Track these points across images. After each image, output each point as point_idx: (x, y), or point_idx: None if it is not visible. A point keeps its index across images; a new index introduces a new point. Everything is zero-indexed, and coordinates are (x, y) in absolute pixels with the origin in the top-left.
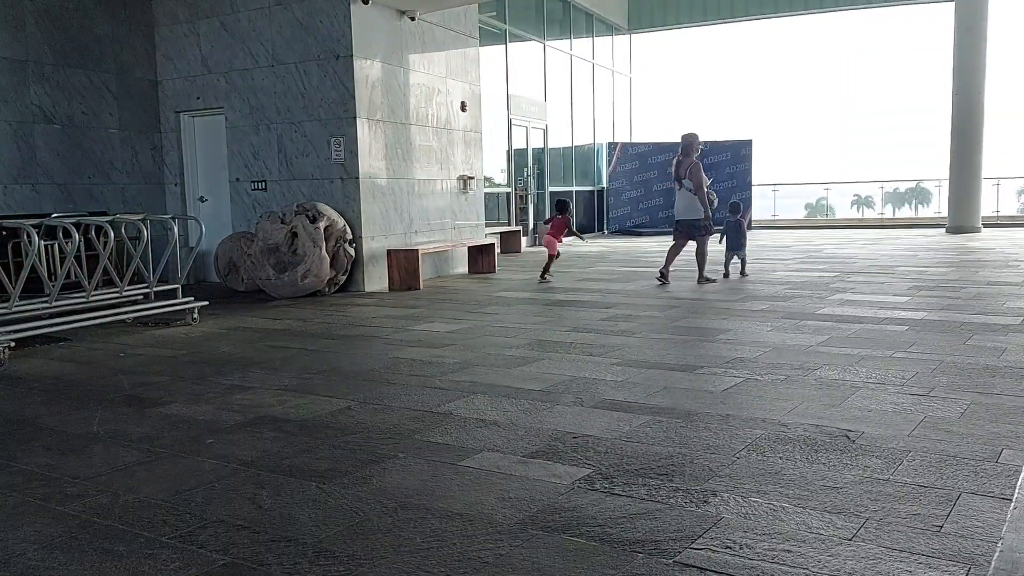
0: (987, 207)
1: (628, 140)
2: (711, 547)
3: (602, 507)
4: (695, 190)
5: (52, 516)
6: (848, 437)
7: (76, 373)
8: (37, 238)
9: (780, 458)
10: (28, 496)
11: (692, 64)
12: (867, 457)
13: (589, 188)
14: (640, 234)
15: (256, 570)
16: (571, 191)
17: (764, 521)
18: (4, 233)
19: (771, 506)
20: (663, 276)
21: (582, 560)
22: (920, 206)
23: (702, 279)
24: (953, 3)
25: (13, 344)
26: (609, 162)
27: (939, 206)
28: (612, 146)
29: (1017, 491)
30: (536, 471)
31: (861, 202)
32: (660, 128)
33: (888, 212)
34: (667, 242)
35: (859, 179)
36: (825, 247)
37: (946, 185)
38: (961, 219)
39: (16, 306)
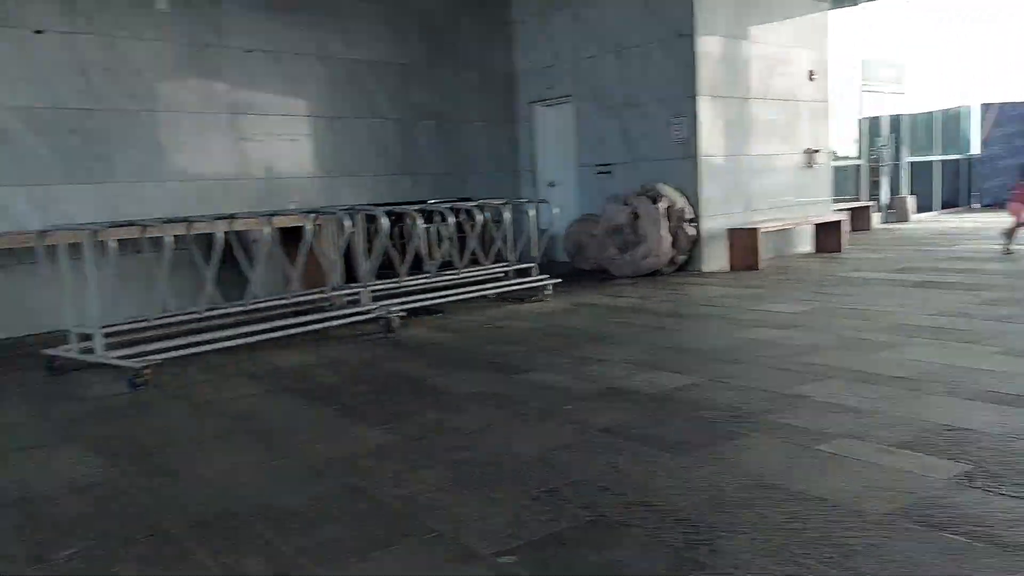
0: None
1: (1007, 100)
2: None
3: (988, 507)
4: None
5: (443, 463)
6: None
7: (452, 340)
8: (421, 221)
9: None
10: (423, 444)
11: None
12: None
13: (956, 156)
14: None
15: (620, 529)
16: (932, 160)
17: None
18: (393, 218)
19: None
20: None
21: (967, 561)
22: None
23: None
24: None
25: (404, 314)
26: (982, 127)
27: None
28: (986, 107)
29: None
30: (905, 462)
31: None
32: None
33: None
34: None
35: None
36: None
37: None
38: None
39: (404, 281)
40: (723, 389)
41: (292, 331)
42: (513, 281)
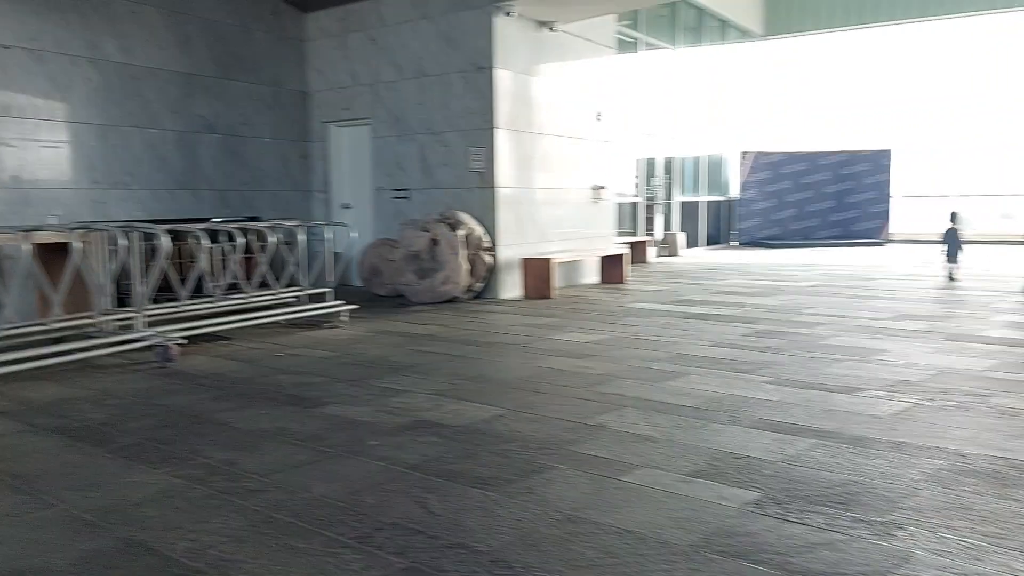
0: None
1: (761, 150)
2: None
3: (779, 534)
4: None
5: (236, 510)
6: None
7: (240, 371)
8: (206, 241)
9: (967, 491)
10: (212, 489)
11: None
12: None
13: (718, 198)
14: (771, 246)
15: (435, 575)
16: (699, 201)
17: (961, 560)
18: (173, 236)
19: (965, 543)
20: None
21: None
22: None
23: None
24: None
25: (185, 341)
26: (740, 172)
27: None
28: (744, 155)
29: None
30: (701, 491)
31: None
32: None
33: None
34: (801, 255)
35: (1011, 191)
36: (975, 264)
37: None
38: None
39: (184, 305)
40: (528, 420)
41: (52, 360)
42: (306, 307)
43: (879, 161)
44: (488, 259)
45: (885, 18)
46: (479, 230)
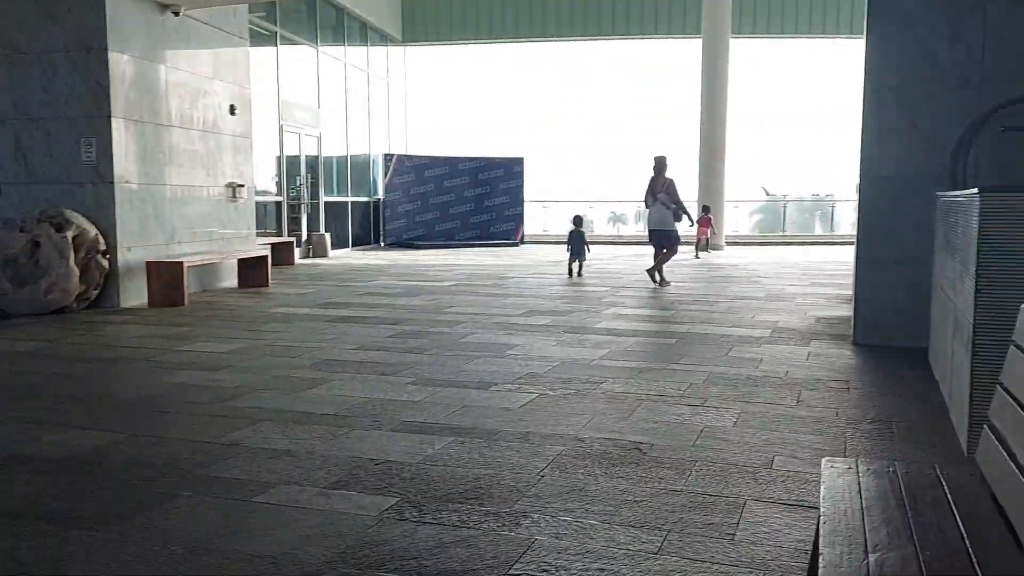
0: (728, 226)
1: (404, 152)
2: (528, 571)
3: (414, 538)
4: (672, 204)
5: None
6: (640, 450)
7: None
8: None
9: (582, 474)
10: None
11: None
12: (660, 469)
13: (365, 199)
14: (417, 247)
15: None
16: (346, 201)
17: (575, 540)
18: None
19: (580, 524)
20: (662, 282)
21: None
22: None
23: (659, 281)
24: (701, 40)
25: None
26: (385, 173)
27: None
28: (388, 157)
29: (823, 504)
30: (340, 503)
31: (617, 219)
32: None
33: (642, 228)
34: (445, 255)
35: (616, 198)
36: (593, 262)
37: (694, 206)
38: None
39: None
40: (149, 445)
41: None
42: None
43: (512, 168)
44: (105, 263)
45: (511, 36)
46: (93, 231)
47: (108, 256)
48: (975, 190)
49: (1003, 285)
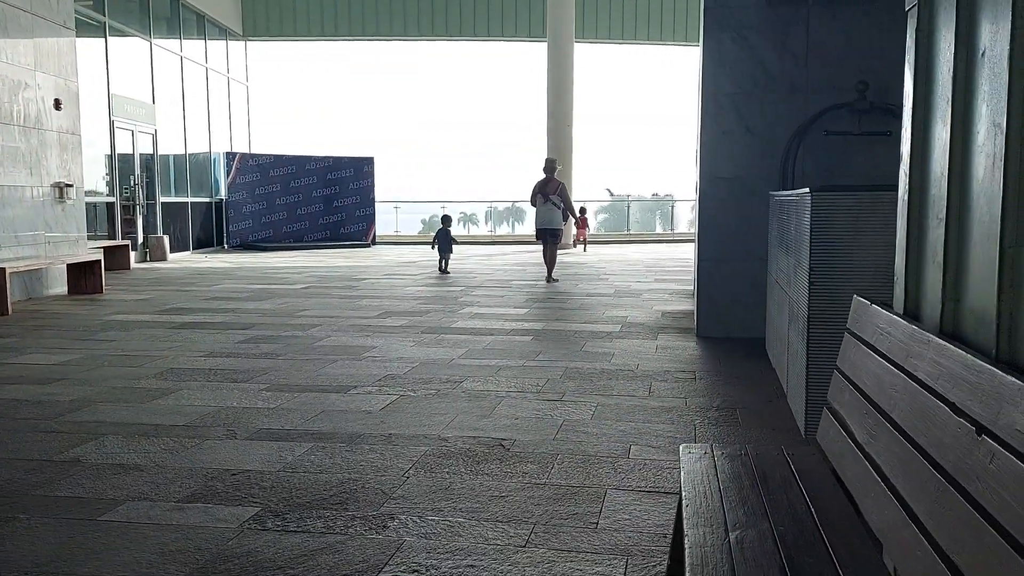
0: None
1: (247, 151)
2: (398, 573)
3: (279, 547)
4: (563, 205)
5: None
6: (503, 446)
7: None
8: None
9: (448, 473)
10: None
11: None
12: (523, 464)
13: (207, 200)
14: (265, 249)
15: None
16: (186, 202)
17: (444, 539)
18: None
19: (448, 523)
20: (550, 279)
21: None
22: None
23: (551, 279)
24: (546, 43)
25: None
26: (228, 173)
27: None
28: (231, 156)
29: (683, 488)
30: (197, 516)
31: (468, 219)
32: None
33: (491, 229)
34: (294, 257)
35: (468, 198)
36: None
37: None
38: None
39: None
40: None
41: None
42: None
43: (362, 167)
44: None
45: (358, 34)
46: None
47: None
48: (807, 190)
49: (833, 277)
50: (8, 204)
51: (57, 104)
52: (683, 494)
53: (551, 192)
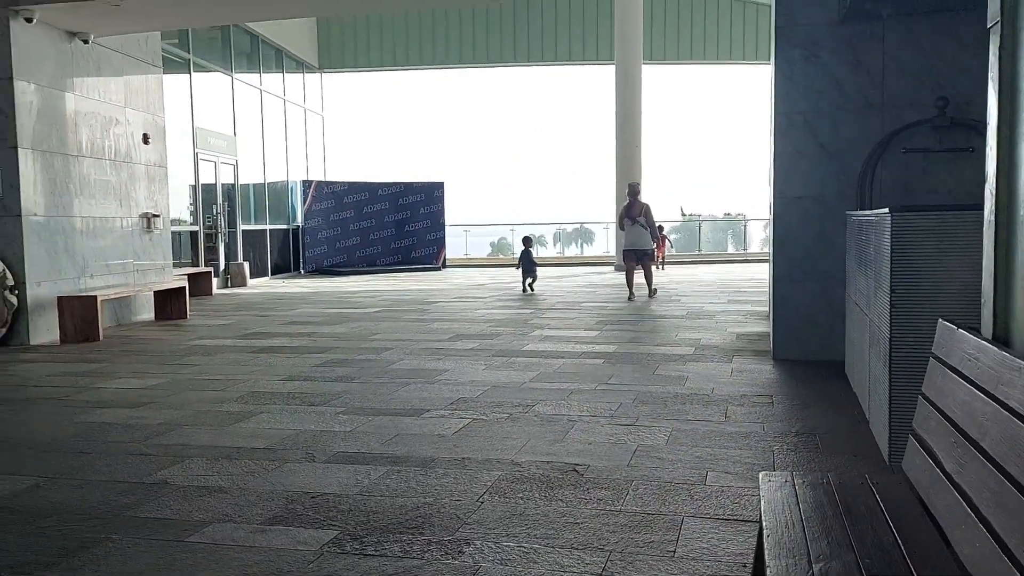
0: None
1: (323, 178)
2: None
3: (358, 571)
4: (649, 226)
5: None
6: (577, 471)
7: None
8: None
9: (521, 498)
10: None
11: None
12: (597, 490)
13: (284, 227)
14: (339, 273)
15: None
16: (265, 229)
17: (520, 566)
18: None
19: (523, 549)
20: (632, 297)
21: None
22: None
23: (652, 293)
24: (614, 66)
25: None
26: (304, 200)
27: (606, 245)
28: (307, 184)
29: (764, 518)
30: (278, 539)
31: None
32: (355, 167)
33: (560, 250)
34: (367, 281)
35: (536, 220)
36: (515, 285)
37: (612, 227)
38: None
39: None
40: (70, 488)
41: None
42: None
43: (433, 192)
44: (13, 300)
45: (428, 63)
46: (0, 266)
47: (16, 292)
48: (886, 210)
49: (916, 299)
50: (100, 234)
51: (145, 139)
52: (763, 524)
53: (637, 214)
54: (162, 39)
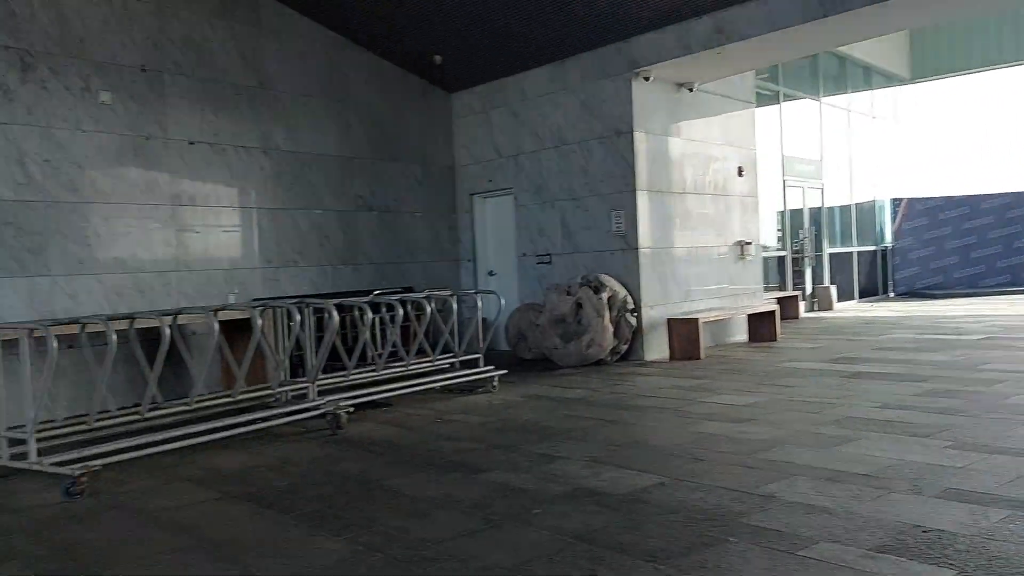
0: None
1: (914, 195)
2: None
3: None
4: None
5: None
6: None
7: (402, 437)
8: (371, 314)
9: None
10: (391, 557)
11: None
12: None
13: (871, 248)
14: (933, 296)
15: None
16: (851, 252)
17: None
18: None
19: None
20: None
21: None
22: None
23: None
24: None
25: (352, 409)
26: (893, 219)
27: None
28: (896, 202)
29: None
30: (890, 568)
31: None
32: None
33: None
34: (968, 305)
35: None
36: None
37: None
38: None
39: (351, 374)
40: (690, 489)
41: (238, 430)
42: (459, 373)
43: None
44: (632, 320)
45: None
46: (622, 292)
47: (635, 314)
48: None
49: None
50: (699, 262)
51: (740, 171)
52: None
53: None
54: (755, 76)
